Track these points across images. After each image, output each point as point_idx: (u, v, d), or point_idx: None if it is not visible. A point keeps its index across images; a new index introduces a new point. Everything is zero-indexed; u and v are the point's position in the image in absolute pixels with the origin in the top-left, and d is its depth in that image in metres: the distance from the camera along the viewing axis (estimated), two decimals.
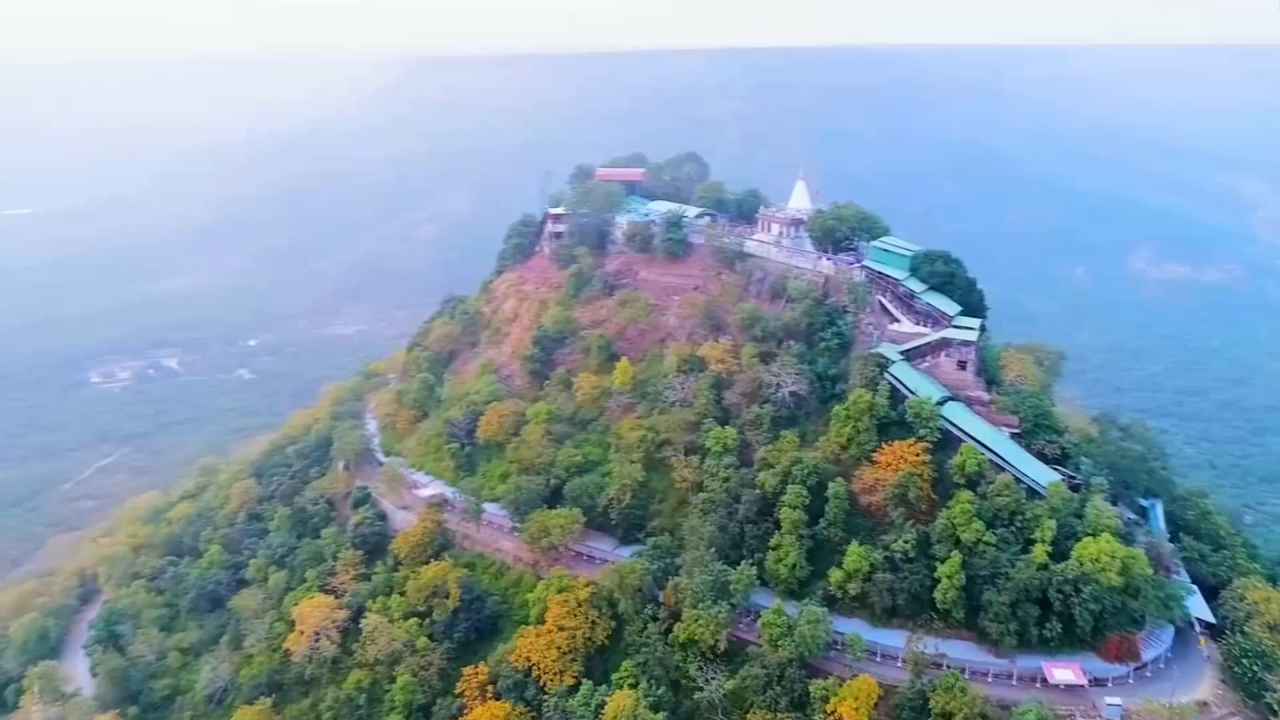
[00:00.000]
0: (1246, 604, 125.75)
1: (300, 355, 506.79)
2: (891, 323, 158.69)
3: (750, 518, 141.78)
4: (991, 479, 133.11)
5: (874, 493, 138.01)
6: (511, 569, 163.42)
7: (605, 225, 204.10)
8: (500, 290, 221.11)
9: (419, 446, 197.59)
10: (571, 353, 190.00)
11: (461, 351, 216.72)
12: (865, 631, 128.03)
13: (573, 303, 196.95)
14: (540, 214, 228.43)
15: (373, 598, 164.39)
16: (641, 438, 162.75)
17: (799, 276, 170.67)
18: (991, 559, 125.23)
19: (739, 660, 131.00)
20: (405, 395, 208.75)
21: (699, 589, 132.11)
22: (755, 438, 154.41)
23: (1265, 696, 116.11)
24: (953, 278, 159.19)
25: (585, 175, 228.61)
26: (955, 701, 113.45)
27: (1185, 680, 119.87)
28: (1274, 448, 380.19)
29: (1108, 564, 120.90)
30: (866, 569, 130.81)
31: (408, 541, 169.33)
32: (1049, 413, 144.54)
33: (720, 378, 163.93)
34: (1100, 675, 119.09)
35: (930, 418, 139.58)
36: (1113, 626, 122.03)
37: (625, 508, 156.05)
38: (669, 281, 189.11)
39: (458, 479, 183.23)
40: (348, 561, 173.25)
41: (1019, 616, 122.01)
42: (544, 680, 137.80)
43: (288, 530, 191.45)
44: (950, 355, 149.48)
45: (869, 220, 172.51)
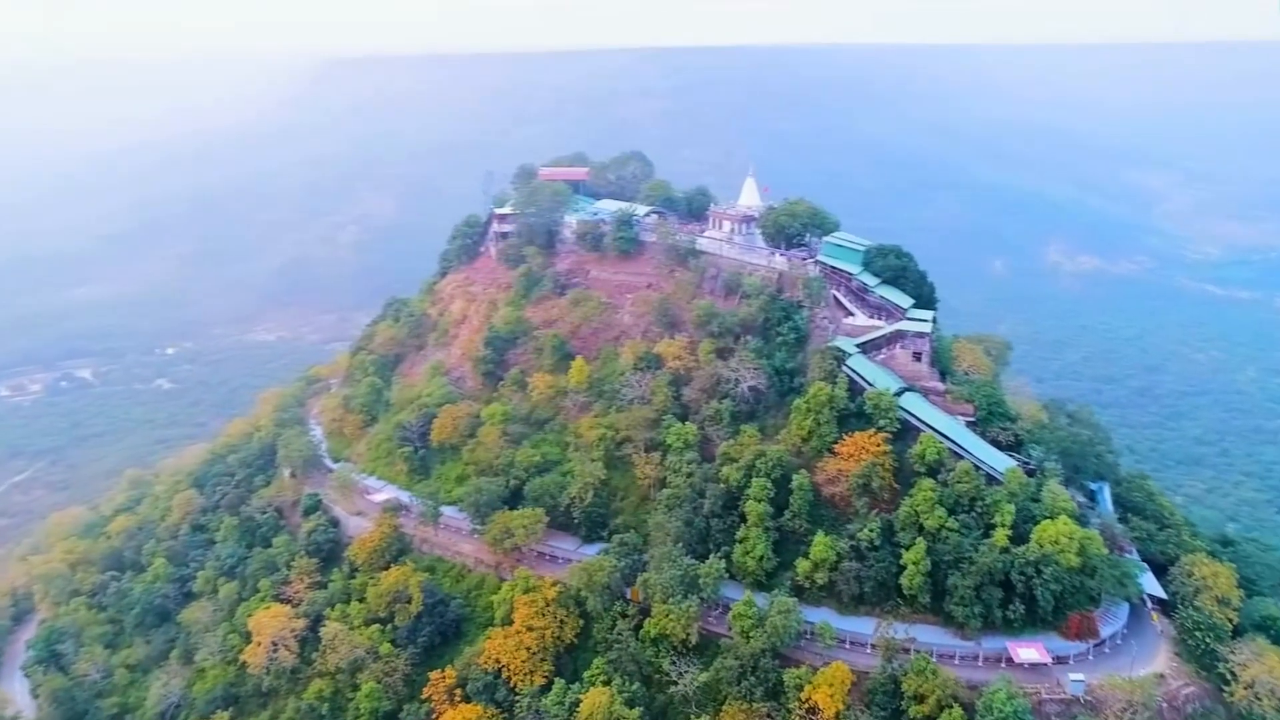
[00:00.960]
0: (1195, 579, 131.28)
1: (221, 363, 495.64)
2: (846, 316, 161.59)
3: (715, 512, 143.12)
4: (951, 466, 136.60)
5: (837, 483, 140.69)
6: (473, 571, 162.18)
7: (554, 224, 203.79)
8: (446, 291, 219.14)
9: (369, 451, 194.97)
10: (524, 353, 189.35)
11: (408, 354, 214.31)
12: (833, 619, 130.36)
13: (523, 302, 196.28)
14: (484, 214, 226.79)
15: (331, 605, 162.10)
16: (601, 436, 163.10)
17: (753, 273, 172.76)
18: (955, 544, 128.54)
19: (710, 653, 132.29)
20: (352, 400, 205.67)
21: (668, 584, 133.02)
22: (715, 433, 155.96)
23: (1217, 667, 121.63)
24: (905, 271, 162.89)
25: (528, 175, 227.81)
26: (927, 684, 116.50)
27: (1142, 655, 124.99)
28: (1189, 432, 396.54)
29: (1066, 545, 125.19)
30: (833, 558, 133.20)
31: (365, 547, 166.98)
32: (1002, 401, 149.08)
33: (678, 374, 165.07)
34: (1062, 653, 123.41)
35: (889, 408, 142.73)
36: (1072, 606, 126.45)
37: (587, 506, 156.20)
38: (621, 280, 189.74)
39: (412, 483, 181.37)
40: (302, 570, 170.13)
41: (983, 599, 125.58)
42: (514, 681, 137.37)
43: (236, 540, 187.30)
44: (905, 347, 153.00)
45: (820, 216, 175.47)
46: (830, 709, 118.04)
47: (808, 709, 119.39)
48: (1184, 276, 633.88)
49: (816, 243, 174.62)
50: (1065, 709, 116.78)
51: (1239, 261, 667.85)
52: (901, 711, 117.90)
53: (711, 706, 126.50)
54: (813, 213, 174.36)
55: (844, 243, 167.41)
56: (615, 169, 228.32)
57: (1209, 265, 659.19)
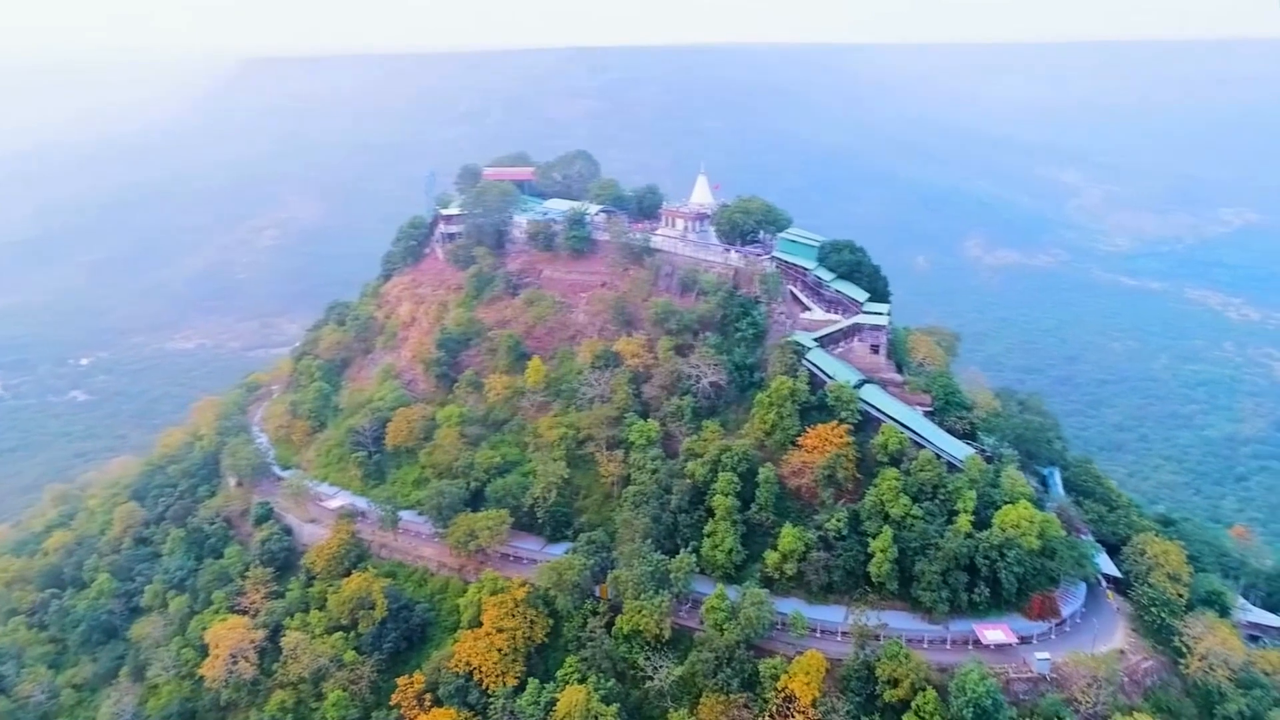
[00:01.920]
0: (1147, 558, 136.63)
1: (140, 373, 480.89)
2: (803, 311, 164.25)
3: (683, 507, 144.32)
4: (913, 456, 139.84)
5: (802, 475, 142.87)
6: (435, 575, 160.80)
7: (503, 225, 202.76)
8: (393, 294, 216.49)
9: (319, 457, 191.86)
10: (477, 354, 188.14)
11: (355, 358, 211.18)
12: (803, 609, 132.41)
13: (474, 303, 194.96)
14: (428, 215, 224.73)
15: (289, 615, 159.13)
16: (562, 435, 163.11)
17: (708, 270, 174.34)
18: (920, 531, 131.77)
19: (683, 647, 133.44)
20: (299, 406, 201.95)
21: (640, 580, 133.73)
22: (678, 429, 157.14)
23: (1173, 641, 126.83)
24: (859, 266, 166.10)
25: (472, 175, 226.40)
26: (901, 669, 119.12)
27: (1101, 632, 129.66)
28: (1109, 419, 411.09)
29: (1027, 529, 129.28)
30: (801, 549, 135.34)
31: (322, 555, 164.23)
32: (958, 391, 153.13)
33: (637, 372, 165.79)
34: (1026, 633, 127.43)
35: (850, 400, 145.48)
36: (1034, 587, 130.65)
37: (551, 506, 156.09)
38: (575, 279, 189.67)
39: (367, 488, 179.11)
40: (257, 580, 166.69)
41: (950, 584, 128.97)
42: (486, 683, 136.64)
43: (184, 552, 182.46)
44: (863, 340, 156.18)
45: (773, 213, 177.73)
46: (807, 696, 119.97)
47: (784, 698, 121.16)
48: (1098, 269, 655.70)
49: (770, 239, 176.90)
50: (1033, 687, 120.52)
51: (1149, 254, 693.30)
52: (876, 696, 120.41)
53: (688, 699, 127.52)
54: (766, 209, 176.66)
55: (799, 239, 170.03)
56: (561, 168, 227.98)
57: (1121, 257, 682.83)
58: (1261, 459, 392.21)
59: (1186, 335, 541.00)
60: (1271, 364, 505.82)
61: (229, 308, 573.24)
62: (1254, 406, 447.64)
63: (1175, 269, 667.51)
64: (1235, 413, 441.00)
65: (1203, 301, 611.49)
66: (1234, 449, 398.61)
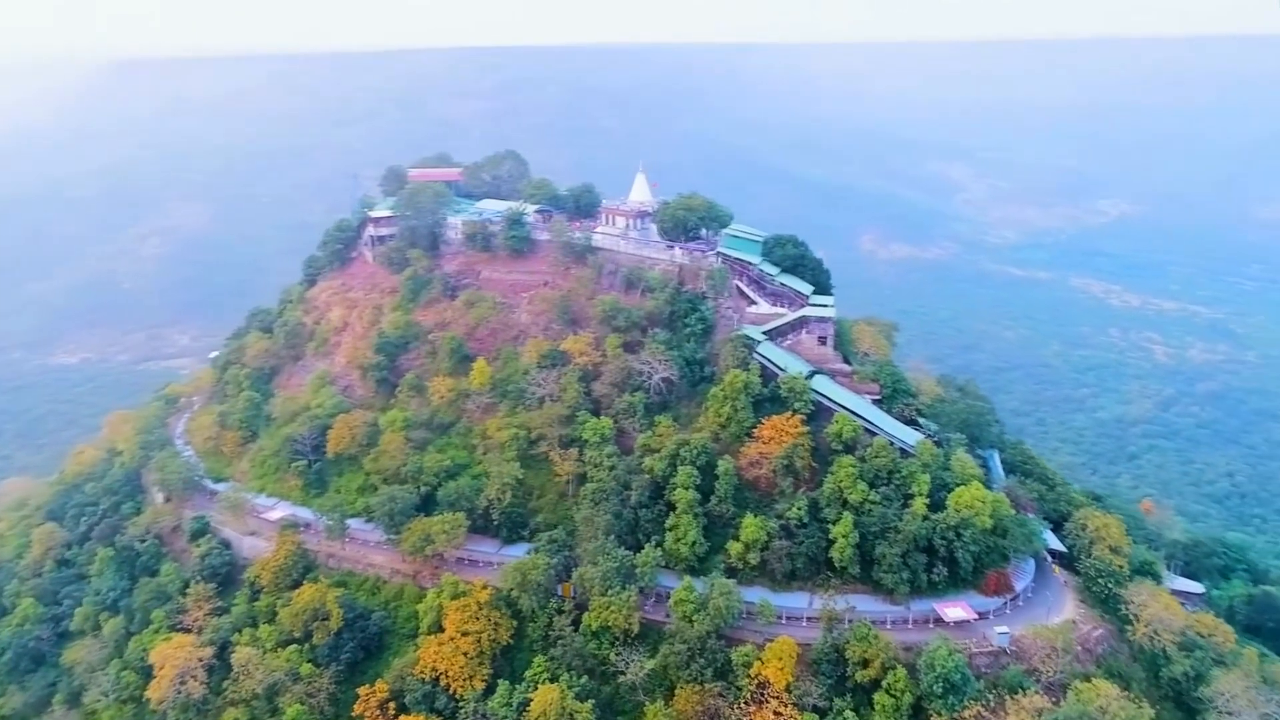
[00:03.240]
0: (1089, 532, 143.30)
1: (20, 391, 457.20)
2: (749, 305, 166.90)
3: (643, 502, 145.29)
4: (867, 443, 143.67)
5: (760, 466, 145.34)
6: (389, 583, 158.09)
7: (436, 226, 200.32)
8: (321, 299, 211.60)
9: (254, 468, 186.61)
10: (417, 357, 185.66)
11: (284, 366, 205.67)
12: (768, 597, 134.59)
13: (411, 306, 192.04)
14: (354, 218, 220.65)
15: (237, 630, 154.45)
16: (513, 435, 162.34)
17: (652, 267, 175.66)
18: (879, 516, 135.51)
19: (651, 641, 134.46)
20: (229, 416, 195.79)
21: (606, 575, 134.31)
22: (630, 425, 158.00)
23: (1119, 609, 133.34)
24: (803, 260, 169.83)
25: (397, 177, 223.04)
26: (871, 649, 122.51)
27: (1053, 605, 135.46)
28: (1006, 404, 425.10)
29: (980, 509, 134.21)
30: (764, 538, 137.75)
31: (268, 567, 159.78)
32: (904, 378, 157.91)
33: (586, 370, 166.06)
34: (983, 609, 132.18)
35: (803, 391, 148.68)
36: (988, 565, 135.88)
37: (506, 507, 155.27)
38: (515, 279, 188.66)
39: (308, 498, 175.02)
40: (199, 596, 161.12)
41: (910, 565, 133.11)
42: (453, 687, 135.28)
43: (114, 572, 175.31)
44: (811, 332, 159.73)
45: (715, 209, 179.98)
46: (781, 681, 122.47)
47: (758, 685, 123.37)
48: (987, 260, 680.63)
49: (712, 236, 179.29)
50: (994, 660, 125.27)
51: (1034, 245, 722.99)
52: (847, 677, 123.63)
53: (660, 692, 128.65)
54: (708, 206, 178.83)
55: (743, 234, 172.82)
56: (490, 169, 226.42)
57: (1008, 249, 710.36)
58: (1150, 438, 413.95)
59: (1074, 322, 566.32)
60: (1153, 348, 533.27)
61: (114, 320, 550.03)
62: (1140, 389, 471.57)
63: (1059, 259, 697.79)
64: (1124, 395, 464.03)
65: (1086, 289, 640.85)
66: (1124, 429, 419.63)
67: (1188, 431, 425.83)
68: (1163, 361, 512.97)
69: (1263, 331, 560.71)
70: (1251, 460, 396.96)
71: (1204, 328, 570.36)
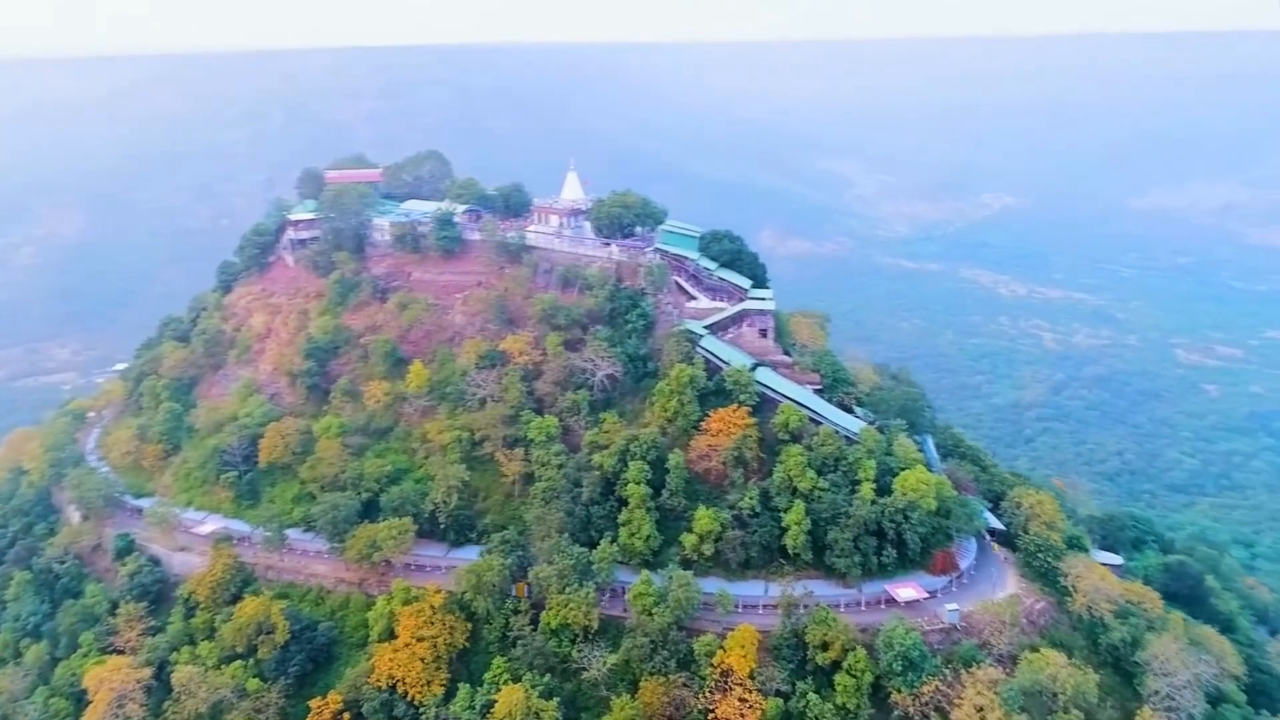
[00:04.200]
0: (1025, 509, 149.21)
1: None
2: (688, 301, 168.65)
3: (594, 499, 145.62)
4: (813, 432, 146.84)
5: (709, 459, 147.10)
6: (333, 592, 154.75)
7: (362, 228, 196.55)
8: (241, 305, 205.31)
9: (178, 482, 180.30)
10: (348, 362, 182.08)
11: (204, 376, 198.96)
12: (724, 587, 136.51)
13: (339, 310, 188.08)
14: (272, 222, 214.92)
15: (174, 649, 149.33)
16: (456, 438, 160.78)
17: (589, 264, 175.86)
18: (830, 502, 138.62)
19: (610, 636, 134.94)
20: (149, 429, 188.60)
21: (563, 573, 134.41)
22: (576, 423, 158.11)
23: (1058, 582, 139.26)
24: (739, 254, 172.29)
25: (314, 179, 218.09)
26: (831, 632, 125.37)
27: (995, 581, 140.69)
28: None
29: (926, 491, 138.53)
30: (718, 529, 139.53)
31: (204, 583, 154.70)
32: (843, 368, 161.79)
33: (527, 369, 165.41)
34: (931, 588, 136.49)
35: (748, 384, 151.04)
36: (935, 545, 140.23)
37: (453, 510, 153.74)
38: (448, 280, 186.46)
39: (241, 509, 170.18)
40: (131, 616, 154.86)
41: (861, 549, 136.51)
42: (411, 694, 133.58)
43: (33, 596, 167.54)
44: (751, 325, 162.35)
45: (649, 206, 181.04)
46: (744, 669, 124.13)
47: (721, 673, 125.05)
48: (880, 254, 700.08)
49: (647, 233, 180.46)
50: (945, 637, 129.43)
51: (925, 238, 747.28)
52: (807, 661, 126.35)
53: (623, 686, 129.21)
54: (643, 203, 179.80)
55: (680, 230, 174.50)
56: (411, 169, 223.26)
57: (900, 242, 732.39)
58: (1044, 420, 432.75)
59: (966, 312, 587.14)
60: (1041, 335, 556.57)
61: None
62: (1032, 374, 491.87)
63: (949, 251, 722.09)
64: (1017, 380, 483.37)
65: (976, 280, 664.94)
66: (1019, 414, 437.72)
67: (1078, 413, 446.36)
68: (1051, 348, 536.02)
69: (1141, 316, 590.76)
70: (1138, 439, 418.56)
71: (1088, 314, 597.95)
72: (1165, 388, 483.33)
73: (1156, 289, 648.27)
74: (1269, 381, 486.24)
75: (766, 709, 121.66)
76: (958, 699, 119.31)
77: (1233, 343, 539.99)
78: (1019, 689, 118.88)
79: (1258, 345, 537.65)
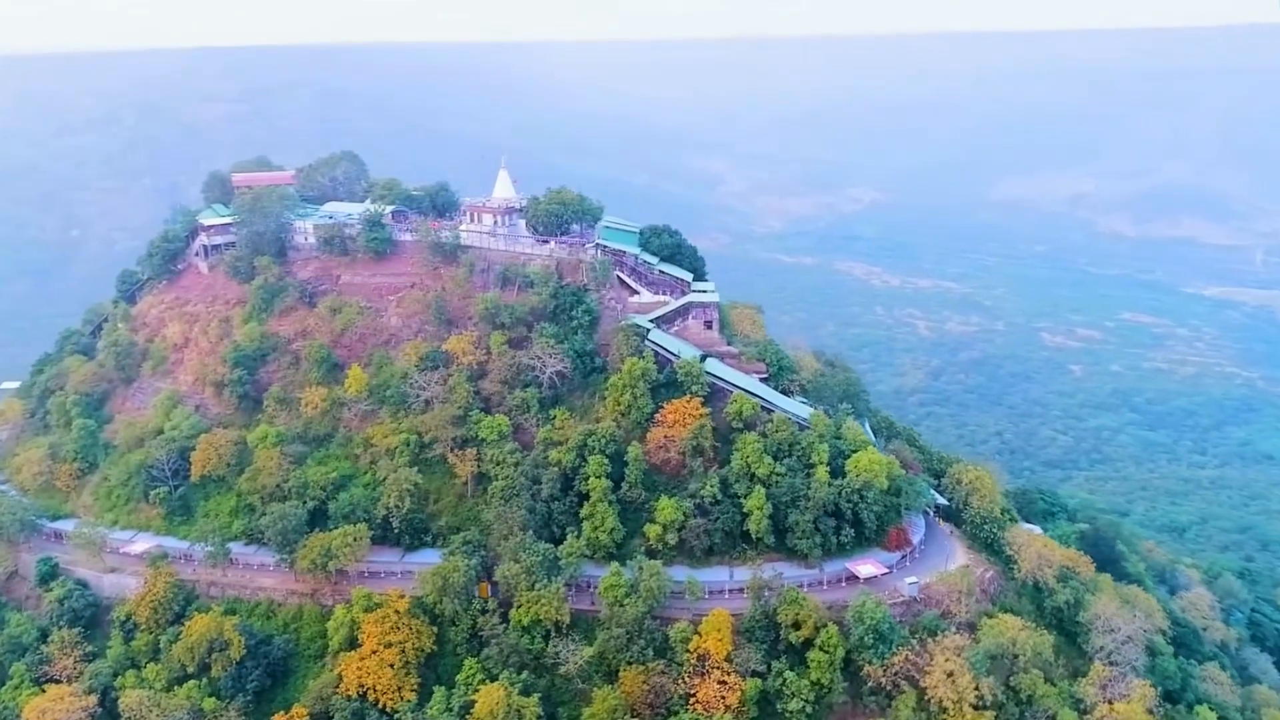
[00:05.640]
0: (965, 485, 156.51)
1: None
2: (631, 295, 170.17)
3: (554, 495, 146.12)
4: (766, 419, 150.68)
5: (667, 450, 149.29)
6: (284, 605, 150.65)
7: (283, 231, 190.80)
8: (152, 315, 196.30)
9: (98, 501, 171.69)
10: (277, 369, 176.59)
11: (115, 390, 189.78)
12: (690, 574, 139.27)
13: (264, 316, 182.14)
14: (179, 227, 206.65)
15: (117, 674, 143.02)
16: (404, 440, 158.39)
17: (528, 262, 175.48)
18: (789, 486, 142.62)
19: (580, 630, 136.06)
20: (62, 448, 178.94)
21: (531, 570, 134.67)
22: (526, 421, 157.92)
23: (1003, 551, 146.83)
24: (679, 248, 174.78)
25: (221, 183, 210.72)
26: (802, 611, 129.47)
27: (946, 553, 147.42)
28: None
29: (878, 471, 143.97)
30: (680, 518, 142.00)
31: (145, 603, 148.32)
32: (787, 357, 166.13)
33: (471, 369, 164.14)
34: (888, 564, 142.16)
35: (699, 375, 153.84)
36: (888, 522, 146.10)
37: (406, 514, 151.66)
38: (380, 282, 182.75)
39: (172, 526, 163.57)
40: (65, 642, 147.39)
41: (820, 529, 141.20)
42: (383, 701, 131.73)
43: None
44: (696, 317, 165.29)
45: (586, 203, 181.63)
46: (721, 651, 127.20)
47: (698, 657, 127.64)
48: (757, 249, 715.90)
49: (584, 230, 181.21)
50: (907, 609, 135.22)
51: (798, 232, 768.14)
52: (779, 640, 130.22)
53: (599, 677, 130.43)
54: (580, 200, 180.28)
55: (619, 226, 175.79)
56: (326, 170, 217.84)
57: (774, 237, 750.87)
58: (926, 405, 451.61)
59: (844, 303, 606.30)
60: (916, 323, 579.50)
61: None
62: (911, 361, 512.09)
63: (822, 244, 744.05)
64: (897, 368, 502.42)
65: (850, 272, 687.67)
66: (903, 399, 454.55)
67: (957, 397, 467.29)
68: (926, 335, 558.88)
69: (1006, 303, 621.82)
70: (1014, 419, 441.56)
71: (957, 302, 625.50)
72: (1034, 369, 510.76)
73: (1018, 276, 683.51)
74: (1127, 360, 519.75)
75: (746, 689, 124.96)
76: (927, 667, 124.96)
77: (1091, 325, 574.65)
78: (984, 653, 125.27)
79: (1114, 326, 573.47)
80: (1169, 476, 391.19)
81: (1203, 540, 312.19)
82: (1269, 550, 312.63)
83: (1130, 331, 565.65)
